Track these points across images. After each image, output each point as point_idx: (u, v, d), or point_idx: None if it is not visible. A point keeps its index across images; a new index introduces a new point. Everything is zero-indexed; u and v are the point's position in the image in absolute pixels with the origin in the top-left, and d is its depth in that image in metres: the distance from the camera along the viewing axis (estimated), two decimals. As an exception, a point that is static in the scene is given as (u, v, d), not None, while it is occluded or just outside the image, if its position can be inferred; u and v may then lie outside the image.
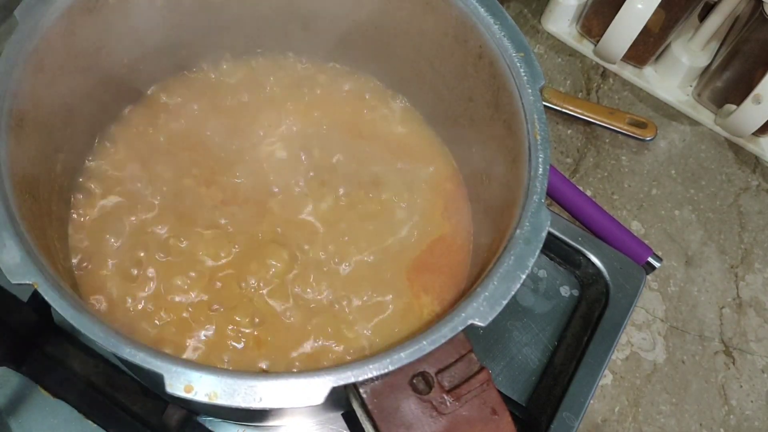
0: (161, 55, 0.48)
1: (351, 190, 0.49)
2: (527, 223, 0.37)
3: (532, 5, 0.76)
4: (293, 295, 0.45)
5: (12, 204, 0.35)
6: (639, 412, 0.58)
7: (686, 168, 0.70)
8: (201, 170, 0.48)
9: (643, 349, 0.60)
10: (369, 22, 0.49)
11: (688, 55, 0.71)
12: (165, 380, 0.31)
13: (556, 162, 0.67)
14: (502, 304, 0.35)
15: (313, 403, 0.32)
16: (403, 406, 0.34)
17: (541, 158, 0.39)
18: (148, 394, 0.47)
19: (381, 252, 0.47)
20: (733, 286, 0.64)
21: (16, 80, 0.37)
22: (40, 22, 0.39)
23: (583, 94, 0.72)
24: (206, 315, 0.43)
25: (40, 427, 0.47)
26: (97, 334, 0.32)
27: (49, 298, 0.33)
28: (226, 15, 0.49)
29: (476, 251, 0.47)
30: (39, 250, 0.34)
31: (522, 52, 0.42)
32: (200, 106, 0.50)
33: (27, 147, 0.38)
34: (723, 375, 0.60)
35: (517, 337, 0.54)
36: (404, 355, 0.33)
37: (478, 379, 0.34)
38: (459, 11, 0.43)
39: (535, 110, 0.40)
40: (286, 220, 0.47)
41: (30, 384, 0.47)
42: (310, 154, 0.50)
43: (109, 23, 0.43)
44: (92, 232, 0.45)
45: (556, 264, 0.58)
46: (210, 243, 0.45)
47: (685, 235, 0.66)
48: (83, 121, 0.45)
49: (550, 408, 0.50)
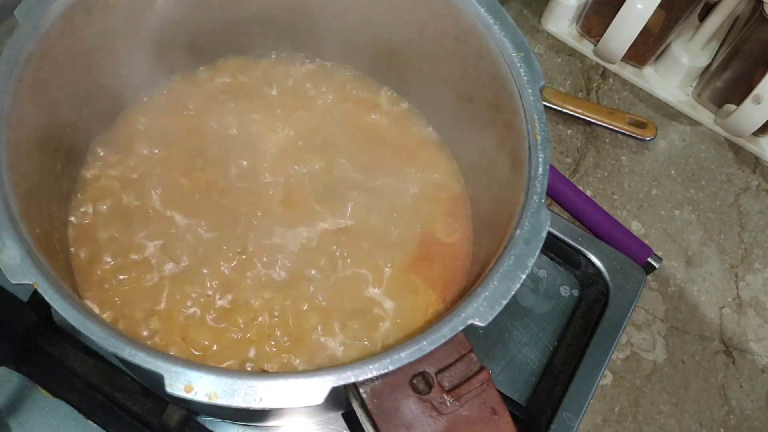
0: (161, 55, 0.48)
1: (351, 189, 0.49)
2: (527, 223, 0.37)
3: (532, 5, 0.76)
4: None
5: (12, 204, 0.35)
6: (639, 412, 0.58)
7: (686, 168, 0.70)
8: (202, 171, 0.48)
9: (643, 349, 0.60)
10: (369, 23, 0.49)
11: (688, 55, 0.71)
12: (165, 380, 0.31)
13: (556, 162, 0.67)
14: (502, 304, 0.35)
15: (313, 403, 0.32)
16: (403, 406, 0.34)
17: (541, 158, 0.39)
18: (148, 394, 0.47)
19: (381, 252, 0.47)
20: (733, 286, 0.64)
21: (16, 80, 0.37)
22: (40, 22, 0.39)
23: (583, 94, 0.72)
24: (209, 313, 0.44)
25: (40, 427, 0.47)
26: (97, 334, 0.32)
27: (49, 298, 0.33)
28: (228, 15, 0.49)
29: (476, 251, 0.47)
30: (39, 250, 0.34)
31: (522, 52, 0.42)
32: (202, 106, 0.50)
33: (27, 147, 0.38)
34: (723, 375, 0.60)
35: (517, 337, 0.54)
36: (404, 355, 0.33)
37: (478, 379, 0.34)
38: (459, 11, 0.43)
39: (535, 110, 0.41)
40: (287, 218, 0.47)
41: (30, 384, 0.47)
42: (311, 155, 0.50)
43: (109, 23, 0.43)
44: (92, 232, 0.45)
45: (556, 264, 0.58)
46: (211, 250, 0.45)
47: (685, 235, 0.66)
48: (83, 121, 0.45)
49: (550, 408, 0.50)
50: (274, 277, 0.45)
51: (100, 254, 0.44)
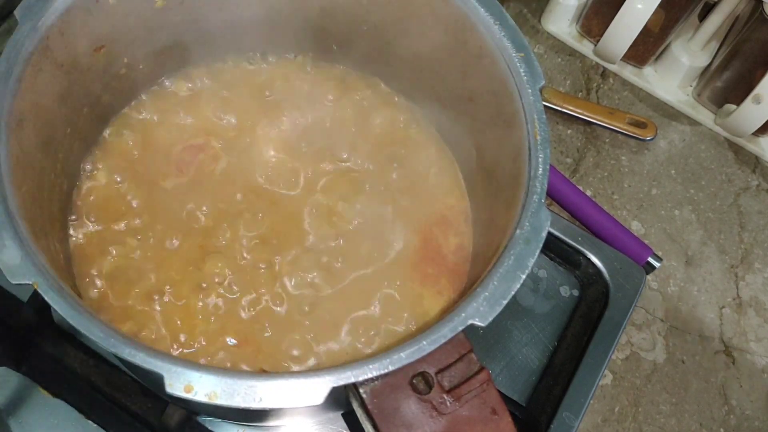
0: (162, 55, 0.48)
1: (352, 189, 0.49)
2: (527, 223, 0.37)
3: (532, 5, 0.76)
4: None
5: (12, 204, 0.35)
6: (639, 412, 0.58)
7: (686, 168, 0.70)
8: (204, 173, 0.48)
9: (643, 349, 0.60)
10: (367, 22, 0.49)
11: (688, 55, 0.71)
12: (165, 380, 0.31)
13: (556, 162, 0.67)
14: (502, 304, 0.35)
15: (313, 403, 0.32)
16: (403, 406, 0.34)
17: (541, 158, 0.39)
18: (148, 394, 0.47)
19: (382, 251, 0.47)
20: (733, 286, 0.64)
21: (16, 80, 0.37)
22: (40, 22, 0.39)
23: (583, 94, 0.72)
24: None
25: (40, 427, 0.47)
26: (97, 334, 0.32)
27: (49, 298, 0.33)
28: (228, 16, 0.49)
29: (476, 251, 0.47)
30: (39, 250, 0.34)
31: (522, 52, 0.42)
32: (203, 106, 0.50)
33: (27, 147, 0.38)
34: (723, 375, 0.60)
35: (517, 337, 0.54)
36: (404, 355, 0.33)
37: (478, 379, 0.34)
38: (459, 11, 0.43)
39: (535, 110, 0.41)
40: (286, 219, 0.47)
41: (30, 384, 0.47)
42: (311, 155, 0.50)
43: (109, 23, 0.43)
44: (93, 232, 0.45)
45: (556, 264, 0.58)
46: (214, 257, 0.45)
47: (685, 235, 0.66)
48: (83, 121, 0.45)
49: (550, 408, 0.50)
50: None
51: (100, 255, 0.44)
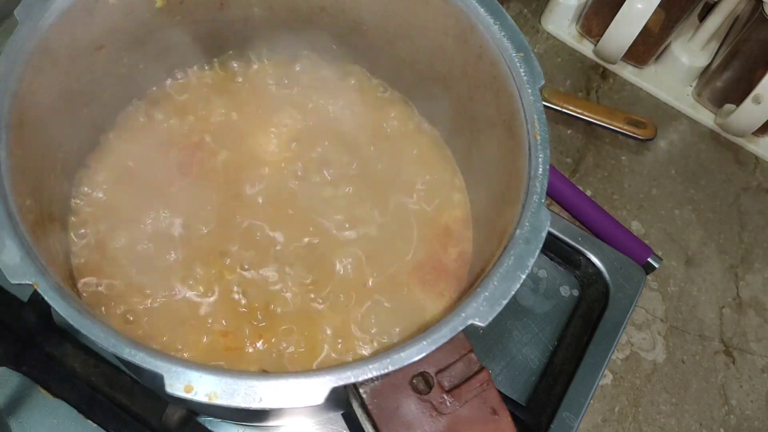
0: (162, 55, 0.48)
1: (352, 189, 0.49)
2: (527, 223, 0.37)
3: (532, 5, 0.76)
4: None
5: (12, 204, 0.35)
6: (639, 412, 0.58)
7: (686, 168, 0.70)
8: (204, 172, 0.48)
9: (643, 349, 0.60)
10: (369, 22, 0.49)
11: (688, 55, 0.71)
12: (165, 380, 0.31)
13: (556, 162, 0.67)
14: (502, 304, 0.35)
15: (313, 403, 0.32)
16: (403, 406, 0.34)
17: (541, 158, 0.39)
18: (148, 394, 0.47)
19: (383, 251, 0.47)
20: (733, 286, 0.64)
21: (16, 80, 0.37)
22: (40, 22, 0.39)
23: (582, 94, 0.72)
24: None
25: (40, 427, 0.47)
26: (97, 334, 0.32)
27: (49, 298, 0.33)
28: (227, 15, 0.49)
29: (476, 251, 0.47)
30: (39, 250, 0.34)
31: (522, 52, 0.42)
32: (203, 107, 0.50)
33: (27, 147, 0.38)
34: (723, 375, 0.60)
35: (517, 337, 0.54)
36: (404, 355, 0.33)
37: (478, 379, 0.34)
38: (459, 11, 0.43)
39: (535, 110, 0.40)
40: (288, 217, 0.47)
41: (30, 384, 0.47)
42: (311, 155, 0.50)
43: (109, 23, 0.43)
44: (92, 233, 0.45)
45: (556, 264, 0.58)
46: (214, 263, 0.45)
47: (685, 235, 0.66)
48: (84, 121, 0.45)
49: (550, 408, 0.50)
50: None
51: (100, 255, 0.44)
